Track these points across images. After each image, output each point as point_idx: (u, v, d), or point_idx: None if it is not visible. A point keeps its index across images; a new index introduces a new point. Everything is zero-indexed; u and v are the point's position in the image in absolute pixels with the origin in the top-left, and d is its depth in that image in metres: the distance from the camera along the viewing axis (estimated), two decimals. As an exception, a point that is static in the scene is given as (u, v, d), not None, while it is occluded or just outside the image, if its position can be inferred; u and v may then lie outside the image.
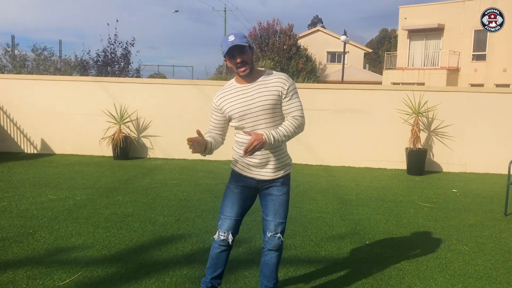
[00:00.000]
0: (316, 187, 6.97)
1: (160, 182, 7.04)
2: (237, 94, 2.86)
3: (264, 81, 2.85)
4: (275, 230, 2.95)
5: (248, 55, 2.79)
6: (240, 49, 2.74)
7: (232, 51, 2.74)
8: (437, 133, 8.69)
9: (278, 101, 2.84)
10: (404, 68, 27.00)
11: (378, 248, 4.39)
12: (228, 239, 2.97)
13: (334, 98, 8.94)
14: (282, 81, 2.85)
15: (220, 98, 2.93)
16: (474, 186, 7.45)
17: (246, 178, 2.96)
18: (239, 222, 3.01)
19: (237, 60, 2.75)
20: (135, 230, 4.68)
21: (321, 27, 51.34)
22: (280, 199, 2.96)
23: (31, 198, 5.86)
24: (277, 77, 2.87)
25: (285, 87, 2.83)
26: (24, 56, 17.55)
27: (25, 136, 9.51)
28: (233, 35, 2.76)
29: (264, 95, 2.81)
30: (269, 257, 3.03)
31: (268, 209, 2.97)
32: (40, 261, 3.82)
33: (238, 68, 2.78)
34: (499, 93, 8.77)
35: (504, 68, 23.28)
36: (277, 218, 2.95)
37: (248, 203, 3.02)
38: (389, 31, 63.80)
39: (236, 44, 2.71)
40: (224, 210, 2.99)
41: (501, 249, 4.46)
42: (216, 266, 3.07)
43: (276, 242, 2.97)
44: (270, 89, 2.82)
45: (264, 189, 2.98)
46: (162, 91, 9.33)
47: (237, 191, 2.97)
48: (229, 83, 2.97)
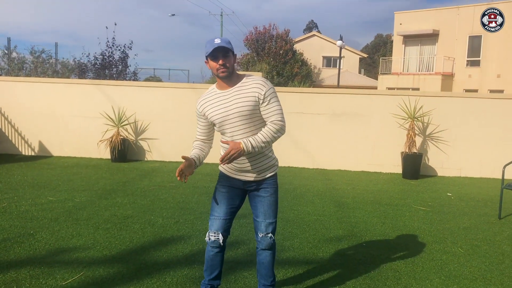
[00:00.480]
0: (313, 190, 7.05)
1: (158, 184, 7.10)
2: (217, 100, 2.93)
3: (242, 87, 2.89)
4: (266, 230, 3.04)
5: (230, 60, 2.86)
6: (224, 51, 2.82)
7: (216, 52, 2.80)
8: (432, 138, 8.80)
9: (255, 106, 2.87)
10: (399, 73, 27.19)
11: (375, 250, 4.47)
12: (219, 240, 3.04)
13: (330, 102, 9.03)
14: (259, 86, 2.87)
15: (202, 105, 3.01)
16: (469, 190, 7.55)
17: (232, 179, 3.04)
18: (229, 222, 3.07)
19: (219, 61, 2.82)
20: (135, 232, 4.74)
21: (317, 32, 51.56)
22: (268, 200, 3.04)
23: (31, 199, 5.90)
24: (254, 82, 2.89)
25: (262, 92, 2.85)
26: (22, 59, 17.55)
27: (23, 138, 9.54)
28: (219, 38, 2.84)
29: (241, 101, 2.85)
30: (263, 256, 3.12)
31: (257, 210, 3.05)
32: (42, 261, 3.87)
33: (218, 70, 2.84)
34: (493, 98, 8.89)
35: (498, 74, 23.51)
36: (267, 218, 3.03)
37: (236, 202, 3.08)
38: (384, 36, 64.18)
39: (222, 46, 2.79)
40: (213, 211, 3.07)
41: (495, 251, 4.55)
42: (212, 268, 3.14)
43: (268, 241, 3.05)
44: (247, 94, 2.86)
45: (251, 190, 3.06)
46: (160, 94, 9.39)
47: (224, 190, 3.05)
48: (210, 89, 3.04)
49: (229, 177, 3.05)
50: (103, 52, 18.94)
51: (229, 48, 2.82)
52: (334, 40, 36.36)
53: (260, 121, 2.92)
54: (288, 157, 9.06)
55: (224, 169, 3.06)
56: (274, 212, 3.06)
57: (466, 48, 24.97)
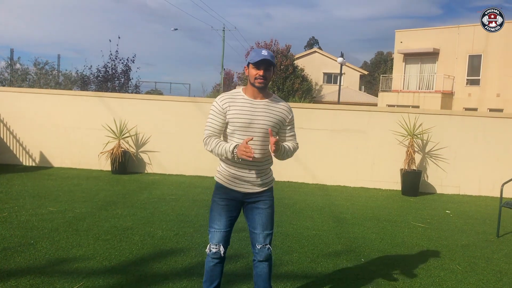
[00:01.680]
0: (312, 206, 7.07)
1: (158, 197, 7.12)
2: (245, 105, 2.98)
3: (271, 104, 3.05)
4: (264, 242, 3.08)
5: (270, 74, 2.99)
6: (267, 64, 2.95)
7: (260, 63, 2.93)
8: (431, 155, 8.85)
9: (278, 125, 3.06)
10: (399, 91, 27.34)
11: (373, 265, 4.49)
12: (220, 251, 3.08)
13: (330, 118, 9.10)
14: (288, 110, 3.12)
15: (226, 102, 3.00)
16: (467, 207, 7.58)
17: (231, 191, 3.07)
18: (229, 234, 3.12)
19: (260, 72, 2.93)
20: (134, 243, 4.76)
21: (318, 48, 51.96)
22: (267, 212, 3.09)
23: (31, 209, 5.93)
24: (283, 105, 3.11)
25: (288, 117, 3.11)
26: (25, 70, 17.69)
27: (24, 148, 9.59)
28: (267, 51, 2.97)
29: (270, 116, 3.00)
30: (260, 268, 3.14)
31: (255, 222, 3.08)
32: (42, 270, 3.89)
33: (256, 79, 2.95)
34: (492, 117, 8.96)
35: (498, 93, 23.65)
36: (265, 230, 3.08)
37: (234, 214, 3.13)
38: (385, 54, 64.61)
39: (268, 59, 2.92)
40: (212, 223, 3.10)
41: (493, 269, 4.57)
42: (212, 278, 3.16)
43: (266, 252, 3.09)
44: (276, 113, 3.03)
45: (249, 202, 3.09)
46: (161, 108, 9.46)
47: (222, 203, 3.08)
48: (236, 92, 3.09)
49: (227, 188, 3.07)
50: (106, 65, 19.12)
51: (272, 63, 2.96)
52: (335, 57, 36.64)
53: None
54: (288, 172, 9.10)
55: (221, 179, 3.09)
56: (272, 224, 3.12)
57: (466, 67, 25.15)
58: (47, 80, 17.96)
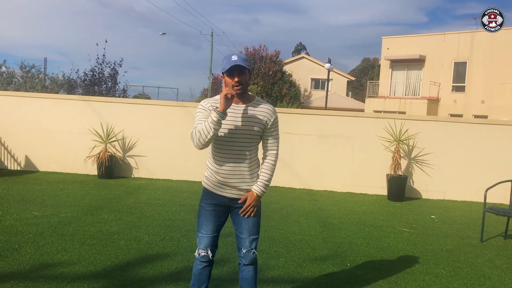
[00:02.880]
0: (299, 210, 7.10)
1: (144, 201, 7.09)
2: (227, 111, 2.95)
3: (253, 107, 3.01)
4: (250, 246, 3.09)
5: (246, 78, 2.94)
6: (240, 70, 2.90)
7: (232, 70, 2.88)
8: (417, 161, 8.94)
9: (261, 128, 3.03)
10: (386, 97, 27.58)
11: (359, 270, 4.52)
12: (209, 255, 3.10)
13: (318, 124, 9.15)
14: (270, 113, 3.05)
15: (211, 105, 2.99)
16: (452, 213, 7.66)
17: (218, 196, 3.08)
18: (216, 238, 3.14)
19: (235, 79, 2.89)
20: (120, 248, 4.73)
21: (305, 54, 52.21)
22: (253, 217, 3.09)
23: (16, 214, 5.86)
24: (266, 107, 3.06)
25: (271, 119, 3.05)
26: (11, 73, 17.52)
27: (9, 152, 9.48)
28: (237, 56, 2.92)
29: (252, 120, 2.98)
30: (246, 272, 3.15)
31: (242, 227, 3.09)
32: (26, 276, 3.85)
33: (234, 87, 2.91)
34: (477, 123, 9.09)
35: (482, 100, 23.97)
36: (251, 235, 3.09)
37: (222, 219, 3.14)
38: (372, 60, 65.13)
39: (238, 64, 2.87)
40: (200, 228, 3.11)
41: (477, 273, 4.63)
42: (199, 282, 3.16)
43: (251, 256, 3.10)
44: (258, 116, 3.00)
45: (236, 207, 3.10)
46: (149, 112, 9.43)
47: (210, 209, 3.09)
48: (218, 97, 3.04)
49: (214, 193, 3.08)
50: (93, 68, 19.00)
51: (245, 66, 2.90)
52: (323, 63, 36.88)
53: (257, 141, 3.08)
54: (275, 177, 9.01)
55: (209, 185, 3.10)
56: (258, 229, 3.13)
57: (452, 73, 25.47)
58: (33, 83, 17.80)
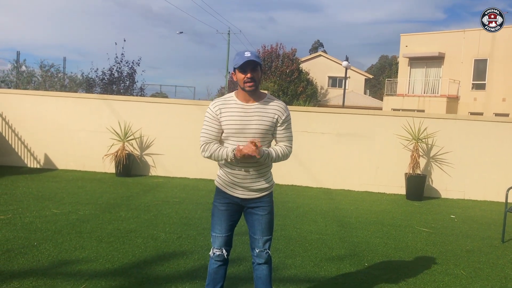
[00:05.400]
0: (316, 210, 7.05)
1: (161, 199, 7.13)
2: (237, 110, 2.95)
3: (264, 105, 2.98)
4: (263, 247, 3.08)
5: (258, 74, 2.92)
6: (253, 65, 2.87)
7: (245, 65, 2.86)
8: (436, 160, 8.81)
9: (272, 126, 2.98)
10: (404, 95, 27.28)
11: (377, 270, 4.46)
12: (224, 254, 3.09)
13: (335, 122, 9.08)
14: (281, 110, 3.01)
15: (220, 108, 2.99)
16: (472, 212, 7.53)
17: (231, 196, 3.06)
18: (231, 237, 3.13)
19: (247, 75, 2.87)
20: (137, 246, 4.76)
21: (323, 51, 51.94)
22: (266, 218, 3.07)
23: (35, 211, 5.94)
24: (277, 104, 3.02)
25: (282, 116, 3.00)
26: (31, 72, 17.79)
27: (29, 150, 9.62)
28: (249, 52, 2.89)
29: (263, 119, 2.94)
30: (260, 271, 3.13)
31: (255, 228, 3.07)
32: (45, 272, 3.89)
33: (246, 83, 2.88)
34: (497, 121, 8.92)
35: (503, 97, 23.55)
36: (264, 235, 3.07)
37: (235, 218, 3.12)
38: (390, 58, 64.54)
39: (252, 60, 2.84)
40: (214, 228, 3.10)
41: (498, 275, 4.53)
42: (215, 281, 3.15)
43: (265, 256, 3.08)
44: (269, 114, 2.96)
45: (248, 207, 3.08)
46: (166, 111, 9.48)
47: (223, 208, 3.07)
48: (228, 96, 3.04)
49: (226, 193, 3.06)
50: (111, 68, 19.18)
51: (258, 62, 2.88)
52: (340, 60, 36.64)
53: (269, 140, 3.03)
54: (291, 176, 9.09)
55: (221, 184, 3.08)
56: (271, 229, 3.11)
57: (472, 71, 25.08)
58: (52, 82, 18.06)
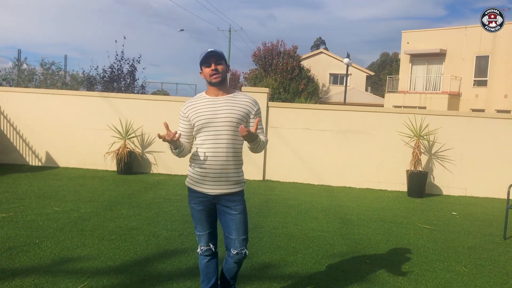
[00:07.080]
0: (317, 207, 7.05)
1: (163, 197, 7.13)
2: (205, 104, 3.00)
3: (234, 98, 3.02)
4: (240, 247, 3.05)
5: (223, 67, 2.97)
6: (217, 57, 2.94)
7: (209, 58, 2.93)
8: (437, 156, 8.80)
9: (244, 118, 2.99)
10: (406, 92, 27.24)
11: (378, 267, 4.46)
12: (211, 248, 3.13)
13: (336, 119, 9.07)
14: (253, 103, 3.06)
15: (187, 107, 3.07)
16: (474, 209, 7.52)
17: (200, 193, 3.03)
18: (214, 231, 3.15)
19: (212, 67, 2.92)
20: (139, 243, 4.76)
21: (324, 49, 51.87)
22: (239, 217, 3.03)
23: (37, 209, 5.95)
24: (247, 97, 3.07)
25: (254, 109, 3.05)
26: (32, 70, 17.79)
27: (31, 148, 9.63)
28: (212, 48, 2.96)
29: (232, 110, 2.96)
30: (232, 266, 3.15)
31: (230, 228, 3.04)
32: (47, 270, 3.90)
33: (211, 76, 2.94)
34: (499, 118, 8.89)
35: (505, 94, 23.50)
36: (240, 235, 3.04)
37: (214, 214, 3.11)
38: (391, 55, 64.40)
39: (214, 50, 2.92)
40: (197, 227, 3.12)
41: (500, 271, 4.53)
42: (208, 276, 3.16)
43: (241, 257, 3.08)
44: (239, 106, 2.99)
45: (220, 205, 3.04)
46: (167, 108, 9.46)
47: (200, 208, 3.06)
48: (198, 95, 3.11)
49: (197, 191, 3.03)
50: (112, 65, 19.16)
51: (221, 55, 2.95)
52: (341, 57, 36.59)
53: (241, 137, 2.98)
54: (293, 173, 9.08)
55: (190, 182, 3.08)
56: (246, 228, 3.07)
57: (473, 68, 25.03)
58: (53, 80, 18.06)
